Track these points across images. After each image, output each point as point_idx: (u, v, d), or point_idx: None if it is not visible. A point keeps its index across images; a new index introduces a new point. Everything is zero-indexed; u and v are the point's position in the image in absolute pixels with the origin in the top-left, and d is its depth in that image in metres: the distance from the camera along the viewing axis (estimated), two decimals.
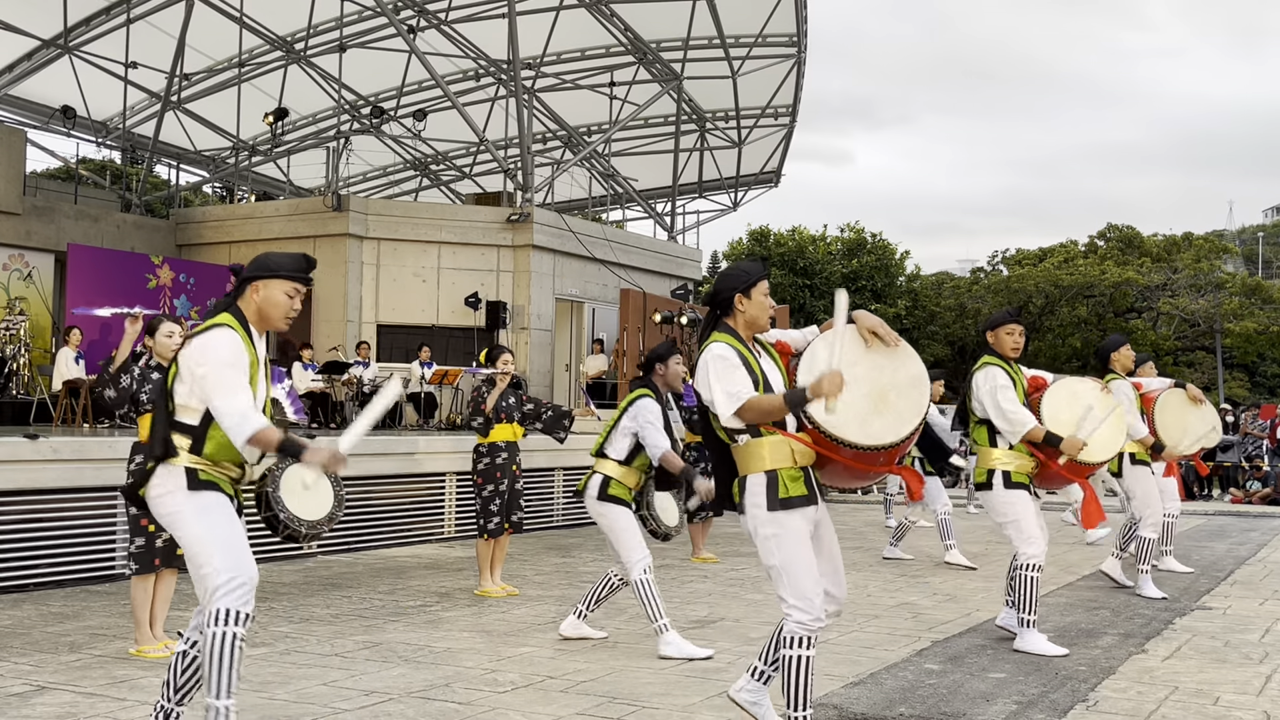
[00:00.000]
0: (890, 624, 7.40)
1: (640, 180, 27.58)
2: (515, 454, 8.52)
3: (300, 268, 4.08)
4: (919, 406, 4.26)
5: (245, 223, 21.43)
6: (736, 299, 4.31)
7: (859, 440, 4.15)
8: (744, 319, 4.34)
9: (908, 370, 4.32)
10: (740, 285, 4.32)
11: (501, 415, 8.44)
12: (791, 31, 24.40)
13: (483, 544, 8.47)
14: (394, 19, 21.30)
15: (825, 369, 4.06)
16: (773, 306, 4.52)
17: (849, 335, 4.29)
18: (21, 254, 19.15)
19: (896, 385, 4.28)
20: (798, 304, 37.35)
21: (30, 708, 5.01)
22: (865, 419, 4.20)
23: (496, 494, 8.39)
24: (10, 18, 22.67)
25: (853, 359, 4.25)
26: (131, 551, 6.15)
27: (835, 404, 4.03)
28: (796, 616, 4.22)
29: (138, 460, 6.21)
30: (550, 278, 20.96)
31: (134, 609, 6.20)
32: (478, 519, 8.46)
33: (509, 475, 8.44)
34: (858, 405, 4.20)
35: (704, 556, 10.66)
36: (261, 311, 4.05)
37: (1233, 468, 21.54)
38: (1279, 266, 71.67)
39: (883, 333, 4.30)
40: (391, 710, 5.05)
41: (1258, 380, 45.89)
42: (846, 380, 4.08)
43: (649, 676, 5.76)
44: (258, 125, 25.03)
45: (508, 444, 8.48)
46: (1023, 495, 6.48)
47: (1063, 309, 40.11)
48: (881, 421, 4.21)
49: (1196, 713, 5.21)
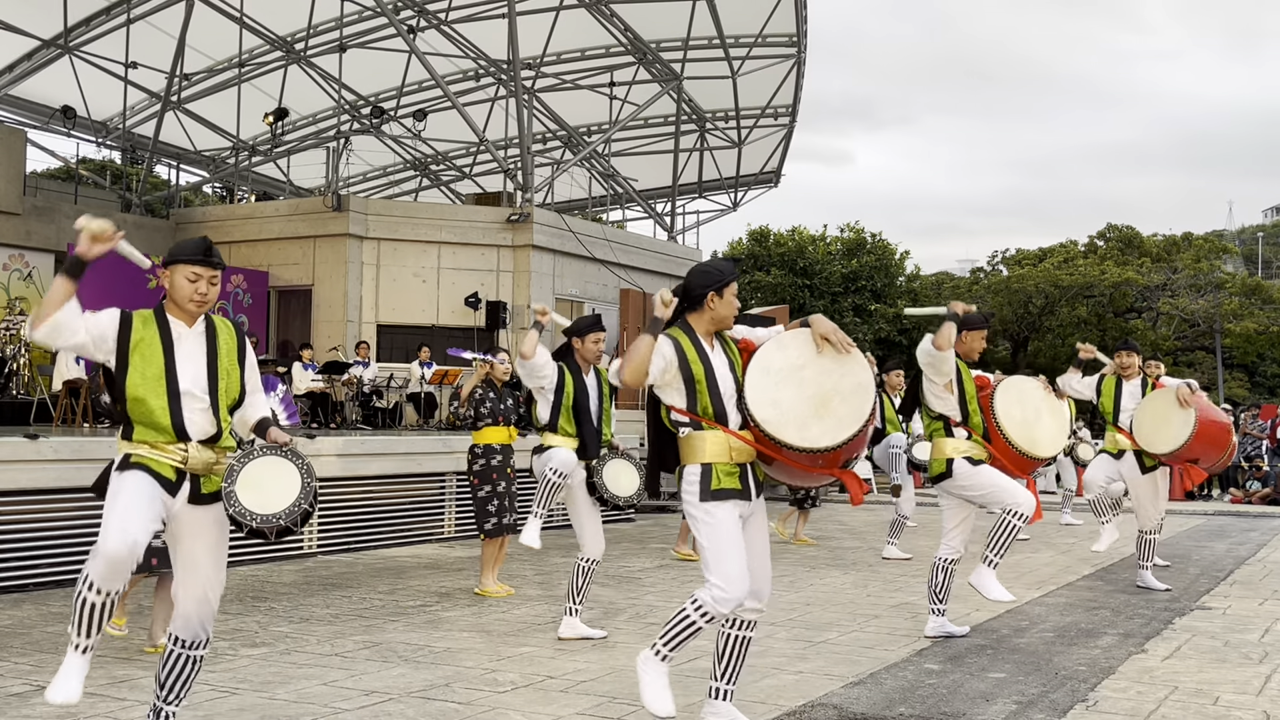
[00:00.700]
0: (890, 624, 7.40)
1: (640, 180, 27.57)
2: (510, 456, 8.53)
3: (196, 250, 4.13)
4: (860, 413, 4.34)
5: (245, 223, 21.43)
6: (709, 297, 4.47)
7: (795, 442, 4.29)
8: (711, 315, 4.50)
9: (855, 378, 4.42)
10: (714, 284, 4.49)
11: (499, 417, 8.45)
12: (791, 31, 24.40)
13: (488, 544, 8.49)
14: (394, 19, 21.30)
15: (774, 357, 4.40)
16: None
17: (801, 337, 4.47)
18: (21, 254, 19.16)
19: (840, 391, 4.38)
20: (798, 304, 37.31)
21: (30, 708, 5.01)
22: (804, 422, 4.33)
23: (494, 494, 8.40)
24: (10, 18, 22.67)
25: (801, 361, 4.41)
26: None
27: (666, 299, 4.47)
28: (715, 592, 4.41)
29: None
30: (550, 278, 20.95)
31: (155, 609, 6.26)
32: (476, 519, 8.49)
33: (505, 477, 8.45)
34: (799, 408, 4.34)
35: (686, 553, 10.66)
36: (170, 297, 4.15)
37: (1233, 468, 21.54)
38: (1279, 266, 71.68)
39: (835, 339, 4.42)
40: (391, 710, 5.05)
41: (1258, 380, 45.88)
42: (792, 382, 4.32)
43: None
44: (258, 125, 25.03)
45: (502, 446, 8.49)
46: (987, 467, 6.60)
47: (1063, 309, 40.08)
48: (820, 426, 4.32)
49: (1196, 713, 5.21)
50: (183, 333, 4.14)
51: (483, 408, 8.47)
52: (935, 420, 6.72)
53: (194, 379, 4.10)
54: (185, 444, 4.05)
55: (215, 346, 4.19)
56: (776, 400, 4.37)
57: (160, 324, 4.11)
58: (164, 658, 4.19)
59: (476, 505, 8.46)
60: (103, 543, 3.85)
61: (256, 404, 4.30)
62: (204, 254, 4.13)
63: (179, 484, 4.04)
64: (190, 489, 4.06)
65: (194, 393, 4.08)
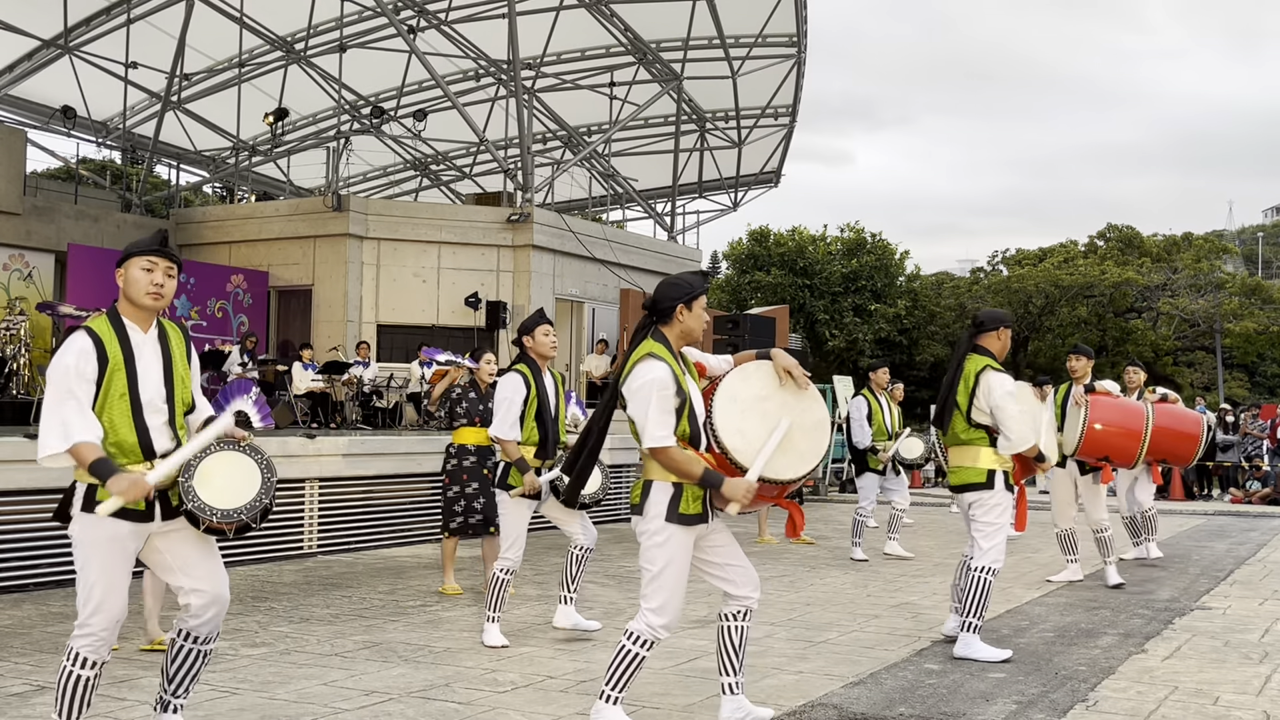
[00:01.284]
0: (890, 624, 7.40)
1: (640, 180, 27.57)
2: (487, 458, 8.49)
3: (150, 241, 4.02)
4: (819, 450, 4.53)
5: (245, 223, 21.43)
6: (678, 309, 4.45)
7: (762, 473, 4.35)
8: (680, 329, 4.48)
9: (813, 414, 4.57)
10: (683, 296, 4.46)
11: (475, 418, 8.43)
12: (791, 31, 24.40)
13: (447, 542, 8.60)
14: (394, 19, 21.30)
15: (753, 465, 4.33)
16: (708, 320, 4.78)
17: (764, 370, 4.56)
18: (21, 254, 19.16)
19: (802, 426, 4.51)
20: (798, 304, 37.34)
21: (30, 708, 5.01)
22: (749, 450, 4.39)
23: (461, 495, 8.43)
24: (10, 18, 22.67)
25: (764, 393, 4.51)
26: None
27: (736, 509, 4.30)
28: (650, 620, 4.42)
29: None
30: (550, 278, 20.95)
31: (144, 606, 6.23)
32: (442, 517, 8.58)
33: (477, 478, 8.43)
34: (763, 439, 4.40)
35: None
36: (126, 295, 3.99)
37: (1233, 468, 21.54)
38: (1279, 266, 71.69)
39: (796, 374, 4.53)
40: (391, 710, 5.06)
41: (1258, 380, 45.90)
42: (756, 413, 4.42)
43: (649, 676, 5.76)
44: (258, 125, 25.04)
45: (478, 447, 8.46)
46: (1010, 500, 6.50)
47: (1063, 309, 40.11)
48: (785, 459, 4.43)
49: (1196, 713, 5.21)
50: (140, 340, 3.99)
51: (459, 408, 8.48)
52: (976, 429, 6.51)
53: (155, 390, 3.98)
54: (151, 462, 3.91)
55: (169, 352, 4.06)
56: (743, 430, 4.42)
57: (120, 335, 3.94)
58: (172, 653, 4.14)
59: (443, 504, 8.56)
60: (90, 622, 3.81)
61: (202, 407, 4.20)
62: (159, 244, 4.01)
63: (150, 511, 3.93)
64: (161, 508, 3.96)
65: (155, 404, 3.97)
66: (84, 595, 3.86)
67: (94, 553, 3.86)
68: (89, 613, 3.84)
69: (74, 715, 3.88)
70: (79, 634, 3.85)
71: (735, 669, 4.66)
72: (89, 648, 3.84)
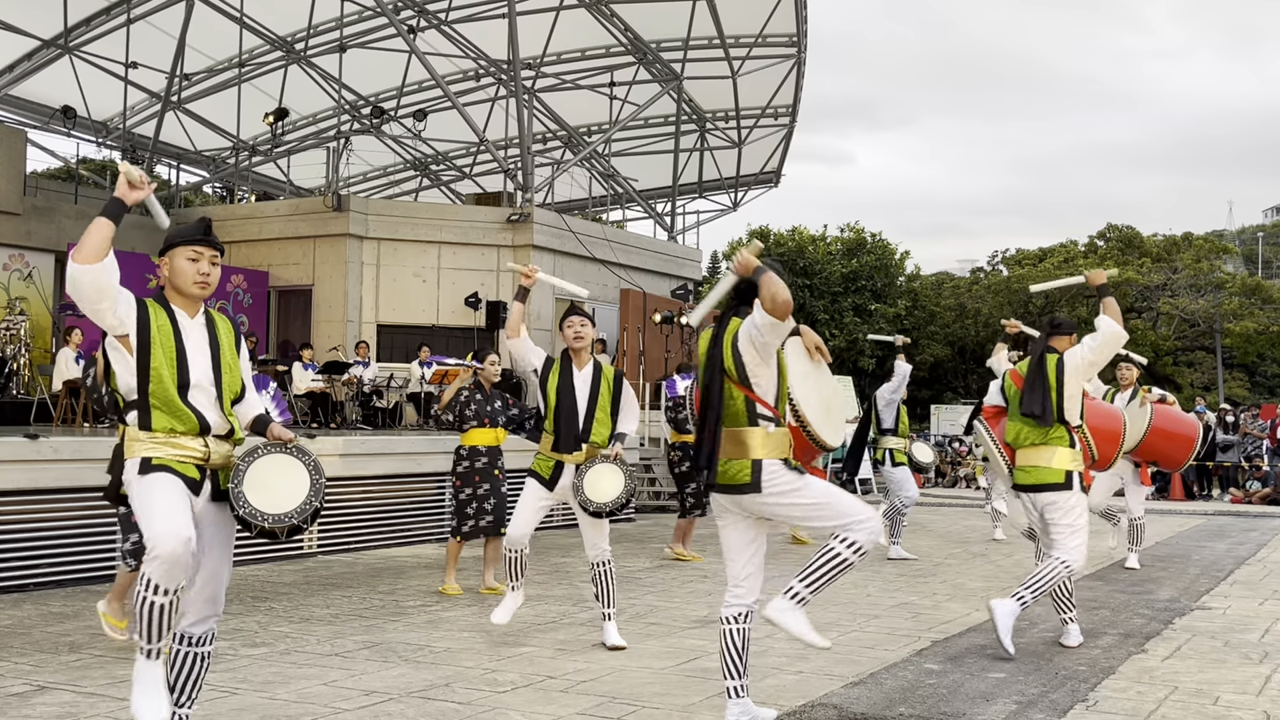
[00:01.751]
0: (890, 624, 7.40)
1: (640, 180, 27.57)
2: (497, 458, 8.51)
3: (195, 230, 4.01)
4: (845, 420, 5.09)
5: (245, 223, 21.43)
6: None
7: (826, 440, 4.76)
8: None
9: (836, 387, 5.08)
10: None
11: (485, 419, 8.44)
12: (791, 32, 24.40)
13: (453, 544, 8.59)
14: (394, 19, 21.30)
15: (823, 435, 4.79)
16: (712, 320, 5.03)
17: (796, 346, 4.85)
18: (22, 254, 19.16)
19: (837, 397, 5.02)
20: (798, 304, 37.27)
21: (30, 708, 5.01)
22: (822, 423, 4.78)
23: (473, 498, 8.41)
24: (10, 18, 22.68)
25: (806, 369, 4.83)
26: (126, 549, 6.18)
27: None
28: (872, 526, 4.48)
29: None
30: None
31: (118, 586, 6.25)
32: (453, 518, 8.57)
33: (489, 479, 8.43)
34: (818, 411, 4.77)
35: (681, 552, 10.65)
36: (171, 284, 4.01)
37: (1232, 468, 21.54)
38: (1279, 266, 71.66)
39: (823, 350, 4.90)
40: (391, 710, 5.05)
41: (1258, 380, 45.87)
42: (811, 386, 4.76)
43: (649, 676, 5.76)
44: (258, 125, 25.03)
45: (488, 448, 8.48)
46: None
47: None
48: (831, 427, 4.85)
49: (1196, 713, 5.21)
50: (187, 324, 4.01)
51: (468, 409, 8.47)
52: (1058, 427, 6.48)
53: (203, 372, 3.99)
54: (205, 438, 3.95)
55: (217, 339, 4.07)
56: (810, 402, 4.73)
57: (168, 312, 3.98)
58: (172, 660, 4.11)
59: (454, 507, 8.54)
60: (157, 545, 3.74)
61: (252, 400, 4.21)
62: (203, 233, 4.02)
63: (201, 483, 3.94)
64: (211, 487, 3.98)
65: (203, 385, 3.97)
66: (146, 519, 3.82)
67: (153, 483, 3.84)
68: (154, 534, 3.77)
69: (153, 639, 3.88)
70: (148, 559, 3.78)
71: (740, 671, 4.67)
72: (158, 572, 3.76)
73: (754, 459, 4.50)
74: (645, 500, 16.38)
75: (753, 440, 4.49)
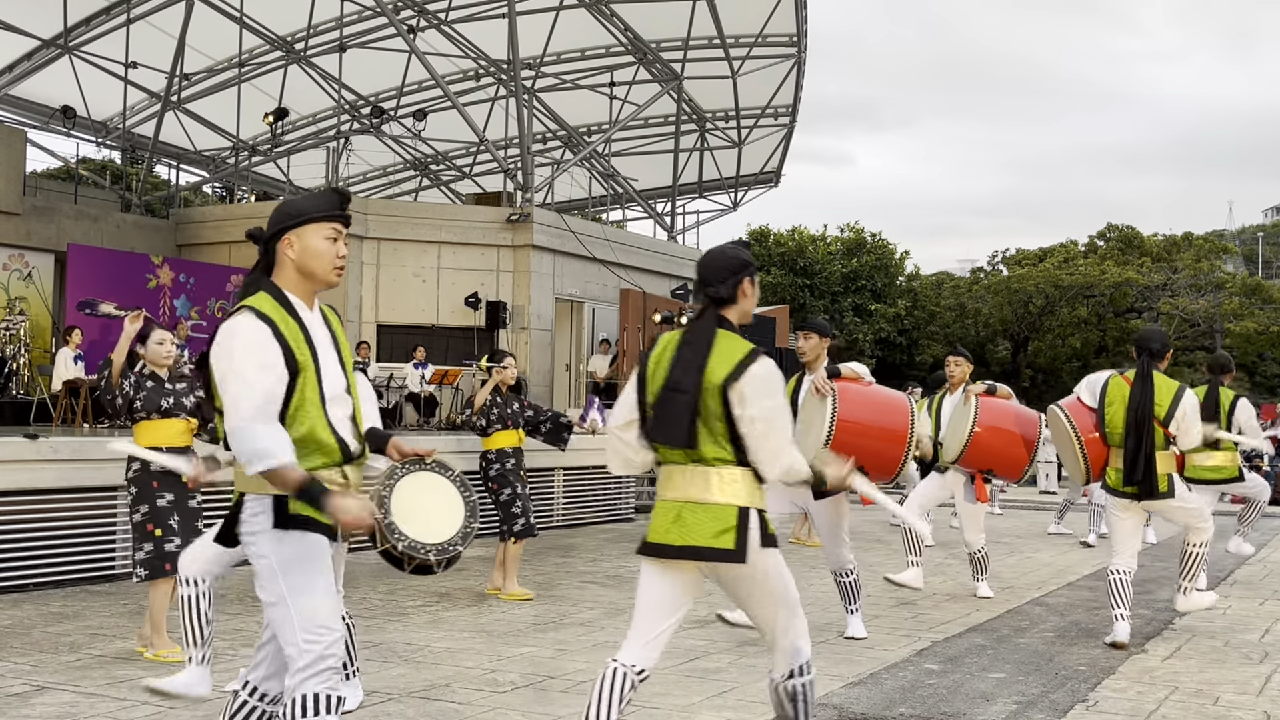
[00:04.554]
0: (890, 624, 7.40)
1: (640, 180, 27.57)
2: (521, 459, 8.56)
3: (335, 203, 3.28)
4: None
5: (245, 223, 21.16)
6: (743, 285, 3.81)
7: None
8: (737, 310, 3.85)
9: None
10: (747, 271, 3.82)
11: (508, 421, 8.48)
12: (791, 32, 24.41)
13: (513, 546, 8.41)
14: (394, 19, 21.29)
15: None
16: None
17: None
18: (21, 254, 19.15)
19: None
20: (798, 304, 37.34)
21: (30, 708, 5.01)
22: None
23: (516, 496, 8.41)
24: (10, 18, 22.67)
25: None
26: (139, 558, 6.03)
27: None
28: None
29: (135, 467, 6.12)
30: (550, 278, 20.96)
31: (153, 614, 6.09)
32: (501, 524, 8.44)
33: (520, 480, 8.47)
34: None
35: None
36: (302, 269, 3.23)
37: None
38: (1279, 266, 71.67)
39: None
40: (391, 710, 5.05)
41: (1258, 380, 45.85)
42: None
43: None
44: (258, 125, 25.03)
45: (514, 449, 8.52)
46: None
47: (1063, 309, 40.11)
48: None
49: (1196, 713, 5.21)
50: (311, 323, 3.25)
51: (492, 413, 8.49)
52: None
53: (335, 378, 3.26)
54: (345, 467, 3.24)
55: (335, 335, 3.35)
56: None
57: (295, 317, 3.19)
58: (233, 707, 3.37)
59: (501, 510, 8.42)
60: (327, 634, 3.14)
61: (366, 412, 3.63)
62: (341, 206, 3.29)
63: (336, 528, 3.20)
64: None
65: (340, 396, 3.26)
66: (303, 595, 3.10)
67: (307, 550, 3.12)
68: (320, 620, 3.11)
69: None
70: (319, 662, 3.11)
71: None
72: (335, 676, 3.15)
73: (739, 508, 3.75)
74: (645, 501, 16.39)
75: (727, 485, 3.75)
